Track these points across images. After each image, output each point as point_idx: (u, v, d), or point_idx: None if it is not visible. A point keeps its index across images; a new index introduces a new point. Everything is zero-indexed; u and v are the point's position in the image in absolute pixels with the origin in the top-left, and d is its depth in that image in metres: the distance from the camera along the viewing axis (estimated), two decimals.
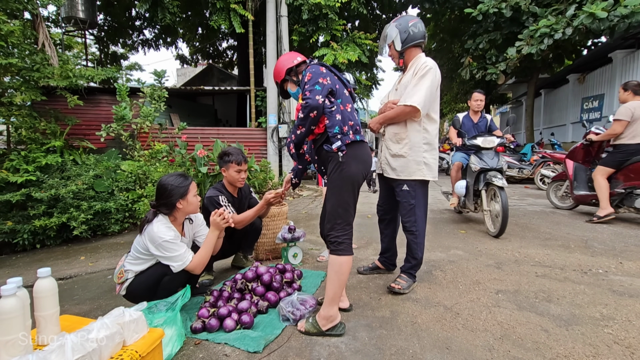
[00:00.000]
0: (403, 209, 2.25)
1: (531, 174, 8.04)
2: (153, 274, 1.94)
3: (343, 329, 1.76)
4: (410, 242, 2.28)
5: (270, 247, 3.11)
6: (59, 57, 5.45)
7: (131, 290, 1.95)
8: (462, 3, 10.11)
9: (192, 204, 2.01)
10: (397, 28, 2.16)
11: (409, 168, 2.18)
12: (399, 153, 2.20)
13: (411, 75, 2.15)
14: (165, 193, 1.93)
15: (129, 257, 2.00)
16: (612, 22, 6.33)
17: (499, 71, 8.53)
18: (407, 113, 2.12)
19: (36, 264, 3.46)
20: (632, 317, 1.86)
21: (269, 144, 8.03)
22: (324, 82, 1.79)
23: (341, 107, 1.83)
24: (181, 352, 1.64)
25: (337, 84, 1.87)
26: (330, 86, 1.81)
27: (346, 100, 1.88)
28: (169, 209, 1.95)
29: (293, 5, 7.87)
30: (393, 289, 2.22)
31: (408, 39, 2.15)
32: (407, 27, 2.15)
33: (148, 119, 5.64)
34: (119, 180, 4.72)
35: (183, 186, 1.96)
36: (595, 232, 3.64)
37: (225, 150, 2.63)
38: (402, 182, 2.21)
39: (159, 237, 1.84)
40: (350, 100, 1.93)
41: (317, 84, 1.77)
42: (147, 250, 1.90)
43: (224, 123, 12.76)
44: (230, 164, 2.58)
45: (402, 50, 2.18)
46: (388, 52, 2.28)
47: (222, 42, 13.68)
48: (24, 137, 4.91)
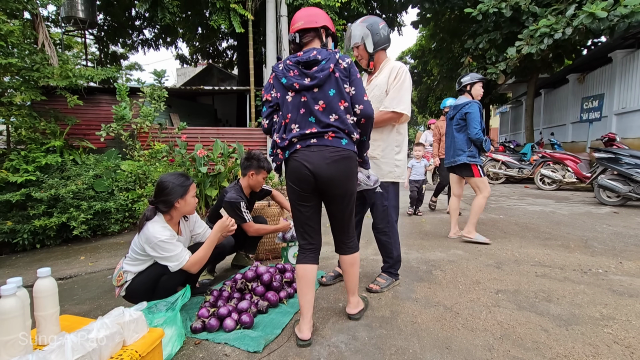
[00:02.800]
0: (376, 210, 2.24)
1: (531, 174, 8.04)
2: (151, 274, 1.94)
3: None
4: (384, 243, 2.28)
5: (270, 247, 3.12)
6: (58, 57, 5.44)
7: (130, 290, 1.95)
8: (462, 3, 10.11)
9: (190, 204, 2.02)
10: (369, 29, 2.09)
11: (381, 170, 2.19)
12: (372, 155, 2.17)
13: (386, 77, 2.14)
14: (165, 191, 1.93)
15: (127, 259, 2.00)
16: (612, 22, 6.33)
17: (499, 71, 8.53)
18: (391, 118, 2.11)
19: (36, 264, 3.46)
20: (632, 317, 1.86)
21: (268, 144, 8.03)
22: (267, 99, 1.75)
23: (282, 122, 1.70)
24: (181, 352, 1.64)
25: (280, 91, 1.71)
26: (273, 102, 1.73)
27: (288, 109, 1.68)
28: (167, 207, 1.96)
29: (293, 5, 7.87)
30: (371, 290, 2.23)
31: (380, 41, 2.12)
32: (378, 29, 2.11)
33: (148, 118, 5.64)
34: (119, 180, 4.72)
35: (183, 186, 1.97)
36: (595, 232, 3.64)
37: (257, 155, 2.68)
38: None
39: (154, 237, 1.84)
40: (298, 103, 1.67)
41: (264, 103, 1.78)
42: (144, 251, 1.90)
43: (223, 123, 12.74)
44: (262, 171, 2.67)
45: (374, 52, 2.15)
46: (355, 52, 2.19)
47: (222, 41, 13.67)
48: (24, 137, 4.90)
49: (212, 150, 5.77)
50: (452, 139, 3.46)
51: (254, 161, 2.68)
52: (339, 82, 1.65)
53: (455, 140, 3.39)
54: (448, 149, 3.54)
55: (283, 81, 1.69)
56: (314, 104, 1.65)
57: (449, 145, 3.51)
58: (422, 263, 2.83)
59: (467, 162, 3.30)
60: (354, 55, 2.23)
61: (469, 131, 3.25)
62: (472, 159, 3.29)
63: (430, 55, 15.95)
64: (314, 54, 1.67)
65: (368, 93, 2.15)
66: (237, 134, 8.30)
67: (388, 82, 2.12)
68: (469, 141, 3.31)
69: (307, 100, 1.66)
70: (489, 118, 18.81)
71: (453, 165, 3.45)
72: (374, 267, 2.75)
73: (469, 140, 3.30)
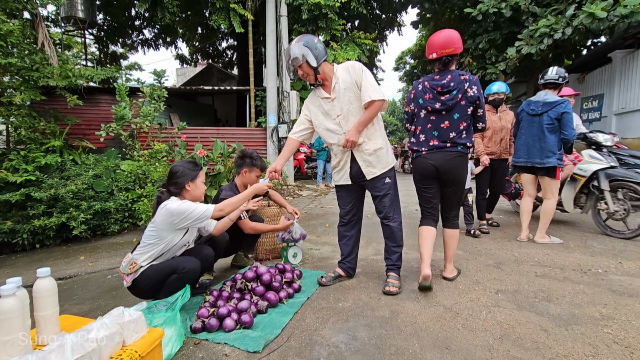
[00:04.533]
0: (388, 200, 2.29)
1: None
2: (161, 271, 1.95)
3: None
4: (394, 229, 2.32)
5: (270, 247, 3.11)
6: (58, 56, 5.45)
7: (138, 281, 1.94)
8: (462, 3, 10.11)
9: (200, 188, 2.13)
10: (307, 46, 2.16)
11: (389, 157, 2.31)
12: (377, 147, 2.24)
13: (348, 77, 2.19)
14: (177, 174, 2.06)
15: (138, 250, 2.00)
16: (612, 22, 6.33)
17: (499, 71, 8.53)
18: (378, 108, 2.18)
19: (35, 264, 3.46)
20: (631, 317, 1.86)
21: (268, 144, 8.03)
22: (407, 110, 2.48)
23: (415, 130, 2.41)
24: (181, 352, 1.64)
25: (416, 107, 2.36)
26: (409, 114, 2.47)
27: (420, 122, 2.39)
28: (178, 189, 2.05)
29: (293, 5, 7.87)
30: (391, 292, 2.22)
31: (320, 54, 2.19)
32: (314, 44, 2.18)
33: (148, 118, 5.64)
34: (119, 180, 4.71)
35: (194, 170, 2.10)
36: (595, 232, 3.65)
37: (250, 153, 2.72)
38: (384, 176, 2.28)
39: (176, 205, 1.93)
40: (427, 119, 2.36)
41: (405, 112, 2.55)
42: (159, 233, 1.94)
43: (223, 123, 12.75)
44: (255, 168, 2.70)
45: (318, 65, 2.20)
46: (299, 72, 2.22)
47: (221, 41, 13.68)
48: (24, 137, 4.90)
49: (211, 150, 5.77)
50: (536, 138, 3.16)
51: (247, 159, 2.70)
52: (464, 108, 2.18)
53: (547, 140, 3.09)
54: (525, 148, 3.23)
55: (420, 102, 2.29)
56: (439, 123, 2.23)
57: (529, 144, 3.21)
58: None
59: (557, 165, 3.09)
60: (298, 74, 2.25)
61: (567, 132, 2.99)
62: (561, 161, 3.10)
63: None
64: (448, 80, 2.18)
65: (341, 98, 2.21)
66: (236, 134, 8.31)
67: (354, 80, 2.19)
68: (560, 143, 3.08)
69: (435, 119, 2.25)
70: None
71: (537, 166, 3.19)
72: (373, 267, 2.76)
73: (560, 141, 3.08)
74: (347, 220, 2.45)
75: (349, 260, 2.48)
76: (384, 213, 2.31)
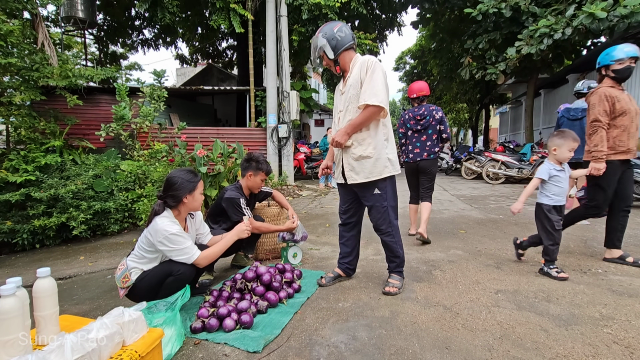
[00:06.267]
0: (377, 212, 2.22)
1: (531, 174, 8.05)
2: (157, 274, 1.93)
3: None
4: (389, 243, 2.27)
5: (270, 247, 3.11)
6: (58, 56, 5.44)
7: (133, 287, 1.94)
8: (462, 3, 10.11)
9: (197, 200, 2.06)
10: (324, 37, 2.16)
11: (377, 168, 2.15)
12: (364, 155, 2.14)
13: (357, 74, 2.13)
14: (174, 186, 1.97)
15: (133, 256, 1.98)
16: (612, 22, 6.34)
17: (499, 71, 8.53)
18: (373, 114, 2.08)
19: (35, 264, 3.46)
20: (631, 317, 1.86)
21: (268, 144, 8.03)
22: (401, 131, 3.71)
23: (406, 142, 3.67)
24: (181, 352, 1.64)
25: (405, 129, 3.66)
26: (402, 134, 3.72)
27: (407, 138, 3.65)
28: (176, 202, 1.99)
29: (293, 5, 7.87)
30: (389, 293, 2.21)
31: (338, 45, 2.16)
32: (333, 34, 2.15)
33: (147, 118, 5.63)
34: (119, 180, 4.71)
35: (192, 182, 2.01)
36: (594, 232, 3.65)
37: (256, 157, 2.73)
38: (371, 186, 2.18)
39: (164, 230, 1.85)
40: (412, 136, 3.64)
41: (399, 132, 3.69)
42: (153, 246, 1.90)
43: (223, 123, 12.74)
44: (260, 172, 2.71)
45: (336, 57, 2.17)
46: (324, 62, 2.25)
47: (221, 41, 13.66)
48: (24, 137, 4.89)
49: (211, 150, 5.77)
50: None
51: (253, 162, 2.70)
52: (434, 126, 3.43)
53: None
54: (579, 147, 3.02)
55: (407, 125, 3.53)
56: (420, 137, 3.46)
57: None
58: (421, 263, 2.83)
59: None
60: (324, 65, 2.28)
61: None
62: None
63: (430, 56, 15.96)
64: (423, 111, 3.45)
65: (347, 93, 2.19)
66: (236, 134, 8.30)
67: (360, 77, 2.12)
68: None
69: (417, 135, 3.48)
70: (489, 118, 18.83)
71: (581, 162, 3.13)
72: (373, 267, 2.76)
73: None
74: (345, 220, 2.44)
75: (348, 260, 2.47)
76: (375, 224, 2.28)
